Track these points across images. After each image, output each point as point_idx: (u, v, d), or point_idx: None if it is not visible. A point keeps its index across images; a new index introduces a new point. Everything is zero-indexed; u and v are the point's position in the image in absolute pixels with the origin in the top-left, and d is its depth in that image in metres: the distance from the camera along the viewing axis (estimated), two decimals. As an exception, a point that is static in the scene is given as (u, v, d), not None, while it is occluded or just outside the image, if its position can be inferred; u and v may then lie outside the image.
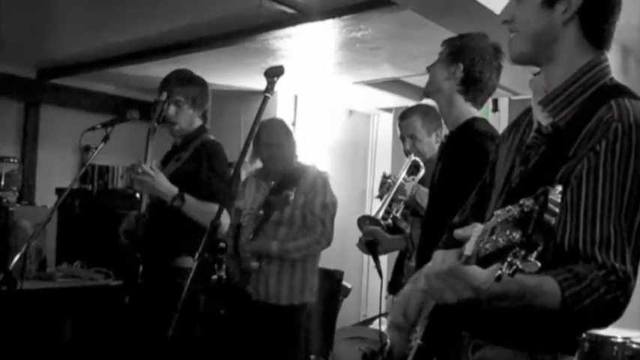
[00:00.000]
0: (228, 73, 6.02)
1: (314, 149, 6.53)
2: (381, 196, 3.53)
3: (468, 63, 2.58)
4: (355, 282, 6.52)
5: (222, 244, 1.97)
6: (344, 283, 5.16)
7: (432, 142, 3.72)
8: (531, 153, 1.64)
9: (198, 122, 3.50)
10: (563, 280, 1.38)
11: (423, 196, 3.44)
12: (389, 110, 7.35)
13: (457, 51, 2.62)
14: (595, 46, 1.62)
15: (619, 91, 1.56)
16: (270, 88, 2.31)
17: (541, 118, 1.65)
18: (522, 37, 1.65)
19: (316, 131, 6.87)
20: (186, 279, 2.14)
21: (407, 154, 3.72)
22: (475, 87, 2.61)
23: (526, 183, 1.60)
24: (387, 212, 3.45)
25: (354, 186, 7.44)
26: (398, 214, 3.48)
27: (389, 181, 3.54)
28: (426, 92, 2.74)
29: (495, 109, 5.78)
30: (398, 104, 6.74)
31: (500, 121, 5.61)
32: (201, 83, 3.51)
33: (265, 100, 2.29)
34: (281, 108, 6.53)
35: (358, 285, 7.15)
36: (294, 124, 6.67)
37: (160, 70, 3.74)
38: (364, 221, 3.47)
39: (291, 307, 3.86)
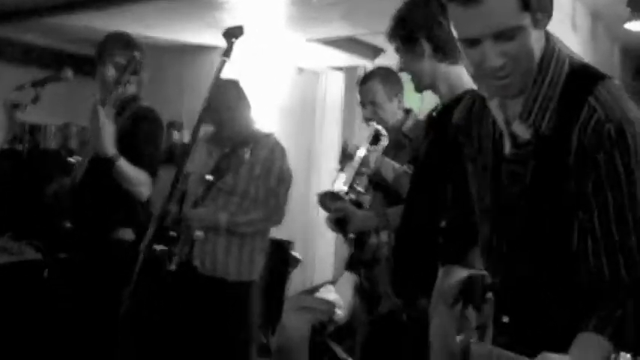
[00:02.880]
0: (171, 27, 5.68)
1: (260, 107, 6.28)
2: (342, 169, 3.27)
3: (425, 33, 2.33)
4: (302, 250, 6.38)
5: (172, 233, 1.73)
6: (293, 253, 5.00)
7: (393, 108, 3.52)
8: (518, 169, 1.56)
9: (133, 88, 3.41)
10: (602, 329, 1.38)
11: (388, 168, 3.22)
12: (339, 69, 7.19)
13: (409, 32, 2.36)
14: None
15: (588, 79, 1.49)
16: (228, 50, 2.08)
17: (518, 130, 1.56)
18: None
19: (263, 89, 6.60)
20: (126, 252, 2.00)
21: (367, 121, 3.49)
22: (448, 46, 2.31)
23: (532, 203, 1.53)
24: (351, 187, 3.20)
25: (300, 146, 7.21)
26: (361, 189, 3.23)
27: (349, 151, 3.30)
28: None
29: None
30: (349, 63, 6.66)
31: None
32: (141, 49, 3.42)
33: (223, 63, 2.09)
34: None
35: (305, 253, 7.02)
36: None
37: (96, 21, 3.44)
38: (326, 198, 3.23)
39: (239, 284, 3.64)
